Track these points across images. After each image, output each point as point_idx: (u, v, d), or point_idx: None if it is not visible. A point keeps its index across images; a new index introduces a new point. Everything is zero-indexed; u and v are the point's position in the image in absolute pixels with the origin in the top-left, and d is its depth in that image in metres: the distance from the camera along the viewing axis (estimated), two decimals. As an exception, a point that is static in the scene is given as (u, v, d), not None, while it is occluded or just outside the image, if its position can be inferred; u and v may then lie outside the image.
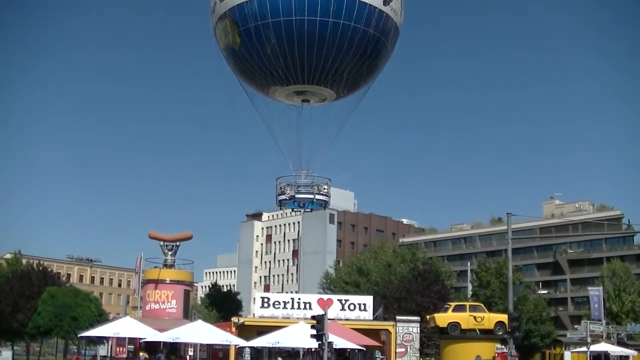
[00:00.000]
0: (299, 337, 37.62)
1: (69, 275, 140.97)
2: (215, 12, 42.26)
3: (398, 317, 51.28)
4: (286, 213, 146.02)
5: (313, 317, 35.65)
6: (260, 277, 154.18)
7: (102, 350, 62.36)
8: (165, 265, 59.35)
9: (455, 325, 43.66)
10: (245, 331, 47.86)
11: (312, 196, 46.34)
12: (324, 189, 46.99)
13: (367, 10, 39.35)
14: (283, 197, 46.53)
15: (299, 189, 46.12)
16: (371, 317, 51.44)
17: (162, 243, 60.22)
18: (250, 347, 42.57)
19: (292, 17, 38.45)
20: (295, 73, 41.26)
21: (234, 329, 49.30)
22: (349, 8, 38.66)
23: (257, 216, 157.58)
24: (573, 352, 69.97)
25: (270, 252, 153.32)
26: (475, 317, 43.84)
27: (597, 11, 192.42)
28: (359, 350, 43.48)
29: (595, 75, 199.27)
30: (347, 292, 75.71)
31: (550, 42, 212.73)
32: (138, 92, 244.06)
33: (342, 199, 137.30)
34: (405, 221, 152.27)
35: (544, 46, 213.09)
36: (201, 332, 40.88)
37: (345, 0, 38.47)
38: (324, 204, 48.95)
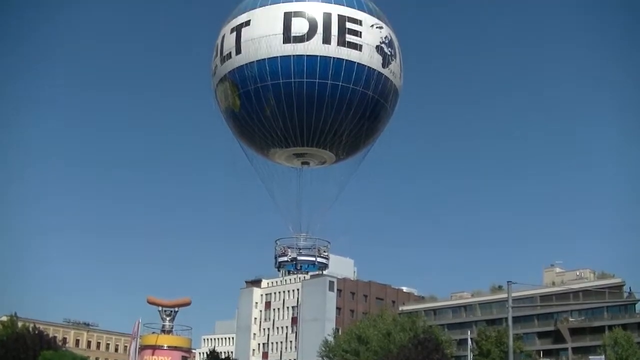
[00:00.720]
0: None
1: (65, 339, 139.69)
2: (216, 74, 42.50)
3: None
4: (286, 280, 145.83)
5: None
6: (259, 344, 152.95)
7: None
8: (163, 331, 58.89)
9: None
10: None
11: (313, 258, 46.00)
12: (324, 252, 46.74)
13: (366, 72, 39.49)
14: (284, 258, 46.10)
15: (300, 251, 45.79)
16: (370, 385, 50.80)
17: (160, 308, 59.85)
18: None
19: (291, 79, 38.64)
20: (295, 135, 41.28)
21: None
22: (347, 70, 38.79)
23: (257, 283, 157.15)
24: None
25: (269, 319, 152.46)
26: (475, 385, 43.25)
27: (593, 64, 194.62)
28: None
29: (597, 136, 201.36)
30: (346, 360, 75.06)
31: (549, 99, 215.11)
32: (138, 154, 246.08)
33: (342, 266, 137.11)
34: (405, 289, 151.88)
35: (541, 106, 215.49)
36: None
37: (343, 63, 38.62)
38: (324, 267, 48.65)
